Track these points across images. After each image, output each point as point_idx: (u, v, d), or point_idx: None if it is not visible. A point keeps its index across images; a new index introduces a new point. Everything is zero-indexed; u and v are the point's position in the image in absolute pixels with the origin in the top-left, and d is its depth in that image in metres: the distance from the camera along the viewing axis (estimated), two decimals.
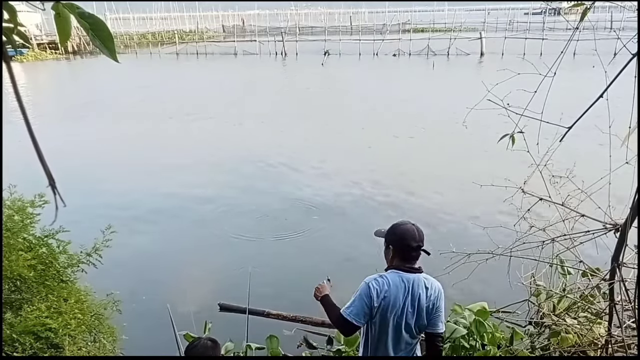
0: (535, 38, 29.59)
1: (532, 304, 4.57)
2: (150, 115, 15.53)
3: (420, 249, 2.34)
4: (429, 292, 2.34)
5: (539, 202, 3.65)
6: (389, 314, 2.28)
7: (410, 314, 2.32)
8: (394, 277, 2.31)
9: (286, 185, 9.11)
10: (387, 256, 2.44)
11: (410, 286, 2.30)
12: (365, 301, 2.27)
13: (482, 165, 8.85)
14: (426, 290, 2.33)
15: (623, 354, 3.30)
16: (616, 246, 3.02)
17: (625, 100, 2.42)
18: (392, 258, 2.39)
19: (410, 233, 2.33)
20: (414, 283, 2.31)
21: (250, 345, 3.87)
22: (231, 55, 38.05)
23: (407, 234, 2.33)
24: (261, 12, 64.25)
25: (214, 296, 5.33)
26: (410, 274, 2.33)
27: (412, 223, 2.39)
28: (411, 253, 2.33)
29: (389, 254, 2.41)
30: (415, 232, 2.34)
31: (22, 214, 3.45)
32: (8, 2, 1.06)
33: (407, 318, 2.31)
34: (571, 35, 2.45)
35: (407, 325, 2.33)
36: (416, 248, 2.32)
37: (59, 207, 1.01)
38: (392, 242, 2.38)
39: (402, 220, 2.45)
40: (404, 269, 2.33)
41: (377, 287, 2.27)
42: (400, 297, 2.28)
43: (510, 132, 2.69)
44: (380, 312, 2.28)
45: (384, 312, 2.28)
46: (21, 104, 1.02)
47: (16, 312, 3.11)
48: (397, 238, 2.36)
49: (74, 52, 38.89)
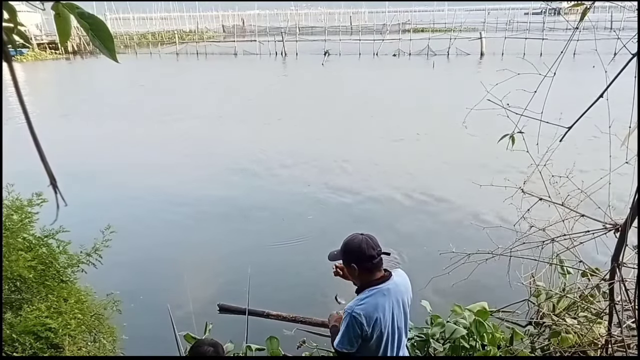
0: (535, 38, 29.59)
1: (532, 304, 4.57)
2: (143, 115, 15.56)
3: (380, 254, 2.27)
4: (405, 285, 2.35)
5: (539, 202, 3.65)
6: (384, 331, 2.25)
7: (400, 318, 2.32)
8: (375, 296, 2.23)
9: (289, 185, 9.13)
10: (352, 275, 2.33)
11: (391, 295, 2.26)
12: (354, 332, 2.21)
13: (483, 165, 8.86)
14: (404, 286, 2.33)
15: (623, 354, 3.30)
16: (616, 246, 3.02)
17: (625, 100, 2.43)
18: (359, 275, 2.28)
19: (364, 243, 2.24)
20: (392, 290, 2.27)
21: (250, 346, 3.87)
22: (231, 55, 38.05)
23: (362, 245, 2.24)
24: (261, 12, 64.32)
25: (214, 296, 5.33)
26: (385, 283, 2.27)
27: (360, 233, 2.31)
28: (374, 261, 2.25)
29: (354, 273, 2.29)
30: (369, 240, 2.26)
31: (21, 213, 3.44)
32: (8, 2, 1.06)
33: (399, 323, 2.32)
34: (571, 35, 2.45)
35: (399, 330, 2.33)
36: (377, 255, 2.25)
37: (56, 207, 1.00)
38: (353, 260, 2.27)
39: (350, 235, 2.33)
40: (377, 282, 2.26)
41: (363, 315, 2.20)
42: (387, 311, 2.24)
43: (510, 132, 2.69)
44: (376, 336, 2.24)
45: (379, 334, 2.24)
46: (22, 103, 1.02)
47: (16, 312, 3.11)
48: (356, 254, 2.25)
49: (74, 52, 38.89)
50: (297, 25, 49.86)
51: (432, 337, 3.71)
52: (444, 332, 3.68)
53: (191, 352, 2.37)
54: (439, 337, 3.74)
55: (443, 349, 3.71)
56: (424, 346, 3.72)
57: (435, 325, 3.76)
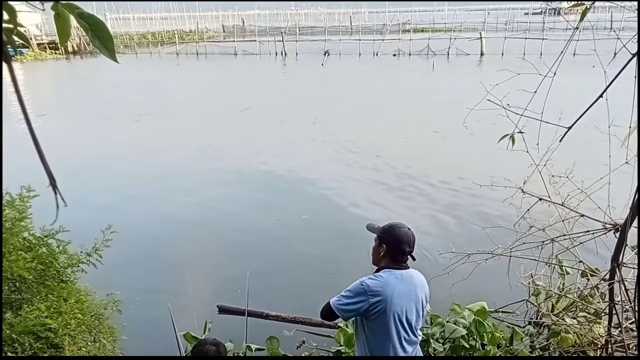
0: (535, 38, 29.60)
1: (531, 304, 4.56)
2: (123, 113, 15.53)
3: (410, 254, 2.40)
4: (421, 281, 2.43)
5: (539, 202, 3.65)
6: (388, 312, 2.28)
7: (410, 310, 2.34)
8: (388, 276, 2.34)
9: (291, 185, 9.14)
10: (376, 253, 2.46)
11: (404, 282, 2.35)
12: (355, 295, 2.29)
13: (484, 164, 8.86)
14: (419, 281, 2.42)
15: (623, 354, 3.30)
16: (616, 246, 3.02)
17: (625, 100, 2.42)
18: (383, 257, 2.42)
19: (406, 238, 2.37)
20: (407, 278, 2.37)
21: (250, 346, 3.87)
22: (231, 55, 38.04)
23: (403, 238, 2.37)
24: (261, 12, 64.26)
25: (214, 296, 5.33)
26: (403, 270, 2.39)
27: (408, 227, 2.42)
28: (403, 257, 2.39)
29: (380, 252, 2.43)
30: (411, 237, 2.39)
31: (13, 208, 3.42)
32: (8, 2, 1.06)
33: (408, 314, 2.33)
34: (571, 35, 2.45)
35: (408, 321, 2.34)
36: (408, 253, 2.39)
37: (51, 206, 1.00)
38: (386, 242, 2.40)
39: (399, 222, 2.46)
40: (396, 267, 2.38)
41: (370, 285, 2.29)
42: (395, 294, 2.29)
43: (510, 133, 2.69)
44: (378, 313, 2.28)
45: (382, 312, 2.28)
46: (22, 103, 1.02)
47: (16, 312, 3.11)
48: (393, 240, 2.38)
49: (74, 52, 38.86)
50: (297, 25, 49.87)
51: (432, 336, 3.71)
52: (443, 331, 3.68)
53: (193, 352, 2.39)
54: (439, 336, 3.74)
55: (443, 349, 3.71)
56: (424, 346, 3.71)
57: (435, 325, 3.76)
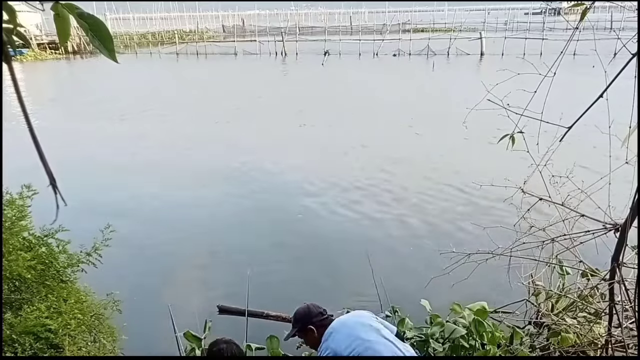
0: (535, 38, 29.59)
1: (531, 304, 4.56)
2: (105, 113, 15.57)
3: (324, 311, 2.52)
4: (355, 314, 2.51)
5: (539, 202, 3.65)
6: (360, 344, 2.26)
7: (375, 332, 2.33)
8: (329, 330, 2.37)
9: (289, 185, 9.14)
10: (311, 338, 2.50)
11: (341, 321, 2.40)
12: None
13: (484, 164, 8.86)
14: (353, 315, 2.50)
15: (623, 354, 3.30)
16: (616, 246, 3.02)
17: (625, 100, 2.42)
18: (318, 333, 2.44)
19: (311, 305, 2.52)
20: (343, 321, 2.42)
21: (250, 346, 3.87)
22: (231, 55, 38.03)
23: (311, 310, 2.49)
24: (261, 12, 64.43)
25: (214, 297, 5.33)
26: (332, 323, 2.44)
27: (304, 303, 2.55)
28: (325, 317, 2.49)
29: (312, 335, 2.46)
30: (311, 305, 2.52)
31: (12, 207, 3.42)
32: (8, 2, 1.06)
33: (376, 335, 2.33)
34: (571, 35, 2.45)
35: (384, 338, 2.34)
36: (323, 311, 2.51)
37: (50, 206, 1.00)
38: (307, 322, 2.47)
39: (295, 309, 2.57)
40: (328, 324, 2.43)
41: (335, 346, 2.28)
42: (350, 334, 2.29)
43: (510, 132, 2.69)
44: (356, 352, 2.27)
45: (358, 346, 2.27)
46: (22, 103, 1.02)
47: (16, 313, 3.11)
48: (306, 315, 2.49)
49: (74, 52, 38.86)
50: (297, 25, 49.85)
51: (431, 336, 3.70)
52: (443, 331, 3.67)
53: (209, 352, 2.44)
54: (439, 336, 3.73)
55: (443, 349, 3.71)
56: (424, 346, 3.71)
57: (434, 324, 3.76)
